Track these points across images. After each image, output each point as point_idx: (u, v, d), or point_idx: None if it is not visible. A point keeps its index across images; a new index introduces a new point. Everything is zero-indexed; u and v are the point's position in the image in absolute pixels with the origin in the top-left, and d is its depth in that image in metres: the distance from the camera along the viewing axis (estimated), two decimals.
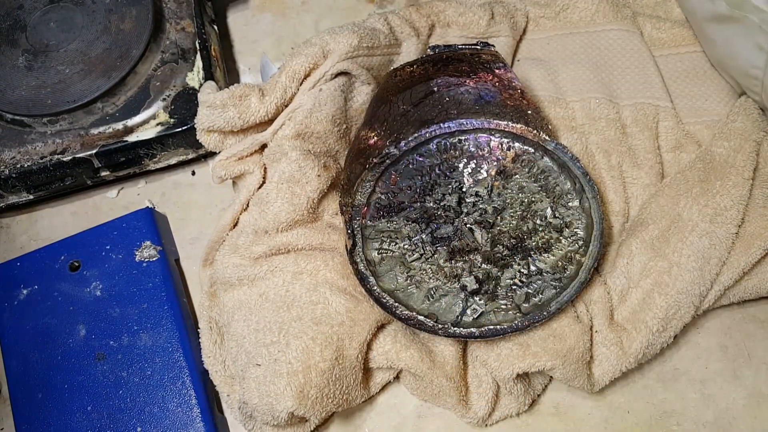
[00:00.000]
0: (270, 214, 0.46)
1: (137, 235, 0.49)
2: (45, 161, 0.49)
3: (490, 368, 0.43)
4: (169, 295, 0.47)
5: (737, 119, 0.49)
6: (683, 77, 0.54)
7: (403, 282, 0.44)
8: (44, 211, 0.55)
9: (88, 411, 0.44)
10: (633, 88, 0.53)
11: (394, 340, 0.43)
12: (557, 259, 0.44)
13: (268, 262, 0.45)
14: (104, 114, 0.51)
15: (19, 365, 0.46)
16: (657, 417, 0.44)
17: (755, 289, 0.45)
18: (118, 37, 0.52)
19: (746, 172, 0.46)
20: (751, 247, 0.44)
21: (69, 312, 0.47)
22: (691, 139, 0.51)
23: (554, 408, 0.45)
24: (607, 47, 0.55)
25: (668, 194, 0.47)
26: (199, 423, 0.44)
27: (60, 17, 0.54)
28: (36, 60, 0.52)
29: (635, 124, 0.51)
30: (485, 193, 0.44)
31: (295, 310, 0.43)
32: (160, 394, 0.44)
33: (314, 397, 0.40)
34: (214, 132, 0.49)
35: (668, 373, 0.45)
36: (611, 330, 0.44)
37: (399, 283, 0.44)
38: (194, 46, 0.53)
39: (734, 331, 0.47)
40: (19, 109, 0.50)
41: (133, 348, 0.46)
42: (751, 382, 0.45)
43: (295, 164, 0.46)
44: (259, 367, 0.42)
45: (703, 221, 0.45)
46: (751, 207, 0.45)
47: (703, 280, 0.44)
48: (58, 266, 0.49)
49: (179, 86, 0.52)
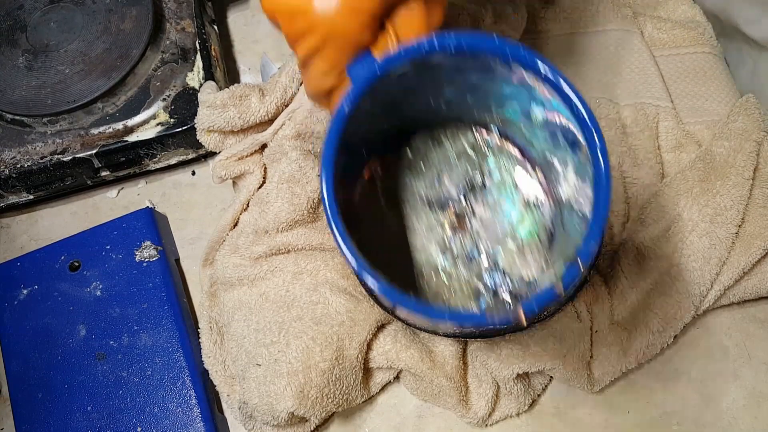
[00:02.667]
0: (270, 214, 0.46)
1: (137, 235, 0.49)
2: (45, 161, 0.49)
3: (490, 368, 0.43)
4: (169, 295, 0.47)
5: (737, 119, 0.49)
6: (683, 77, 0.54)
7: None
8: (44, 211, 0.55)
9: (88, 411, 0.44)
10: (633, 88, 0.53)
11: (395, 340, 0.43)
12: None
13: (268, 262, 0.45)
14: (104, 114, 0.51)
15: (19, 365, 0.46)
16: (657, 417, 0.44)
17: (755, 289, 0.45)
18: (118, 37, 0.52)
19: (746, 172, 0.46)
20: (751, 247, 0.44)
21: (69, 312, 0.47)
22: (692, 139, 0.51)
23: (554, 408, 0.45)
24: (608, 47, 0.55)
25: (668, 194, 0.47)
26: (199, 423, 0.44)
27: (60, 17, 0.54)
28: (36, 60, 0.52)
29: (635, 124, 0.51)
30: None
31: (295, 310, 0.43)
32: (160, 394, 0.44)
33: (314, 397, 0.41)
34: (215, 132, 0.49)
35: (668, 373, 0.45)
36: (611, 330, 0.44)
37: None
38: (194, 46, 0.53)
39: (734, 331, 0.46)
40: (19, 109, 0.50)
41: (133, 348, 0.46)
42: (751, 382, 0.45)
43: (296, 164, 0.46)
44: (259, 367, 0.42)
45: (703, 221, 0.45)
46: (751, 207, 0.45)
47: (703, 280, 0.44)
48: (58, 266, 0.49)
49: (179, 86, 0.52)
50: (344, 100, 0.31)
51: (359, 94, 0.31)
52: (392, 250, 0.37)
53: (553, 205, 0.36)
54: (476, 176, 0.38)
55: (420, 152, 0.38)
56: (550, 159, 0.35)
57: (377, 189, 0.38)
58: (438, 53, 0.31)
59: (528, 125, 0.35)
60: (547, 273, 0.35)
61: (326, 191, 0.30)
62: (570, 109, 0.31)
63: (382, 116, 0.35)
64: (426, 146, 0.38)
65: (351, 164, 0.33)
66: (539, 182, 0.37)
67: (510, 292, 0.35)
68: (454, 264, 0.36)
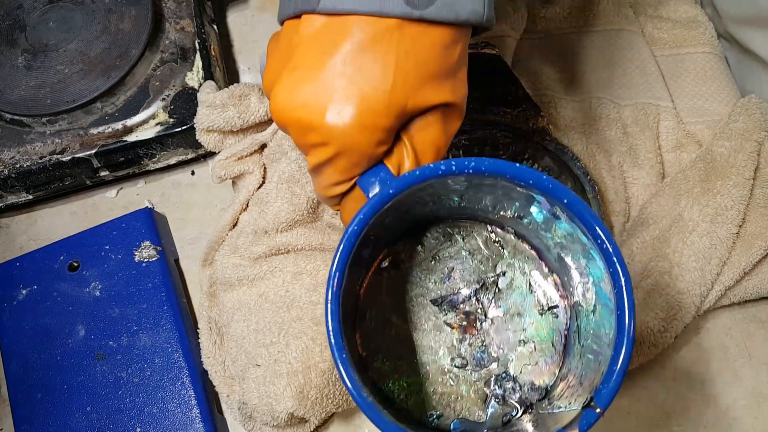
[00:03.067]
0: (270, 214, 0.45)
1: (136, 235, 0.49)
2: (44, 161, 0.49)
3: None
4: (168, 295, 0.47)
5: (738, 119, 0.48)
6: (684, 77, 0.54)
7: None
8: (43, 211, 0.55)
9: (87, 411, 0.44)
10: (634, 88, 0.53)
11: None
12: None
13: (267, 263, 0.45)
14: (103, 114, 0.51)
15: (19, 365, 0.46)
16: (658, 418, 0.44)
17: (756, 290, 0.45)
18: (117, 37, 0.52)
19: (747, 172, 0.46)
20: (752, 247, 0.44)
21: (68, 312, 0.47)
22: (692, 139, 0.51)
23: None
24: (608, 47, 0.55)
25: (669, 194, 0.47)
26: (198, 423, 0.44)
27: (59, 17, 0.54)
28: (35, 60, 0.52)
29: (636, 124, 0.51)
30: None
31: (295, 310, 0.43)
32: (159, 395, 0.44)
33: (314, 398, 0.40)
34: (214, 132, 0.49)
35: (669, 374, 0.45)
36: None
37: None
38: (194, 45, 0.53)
39: (735, 331, 0.46)
40: (19, 108, 0.50)
41: (133, 348, 0.46)
42: (751, 382, 0.45)
43: (295, 164, 0.46)
44: (258, 367, 0.42)
45: (704, 221, 0.45)
46: (751, 207, 0.45)
47: (704, 280, 0.44)
48: (58, 266, 0.49)
49: (179, 86, 0.52)
50: (355, 221, 0.29)
51: (371, 214, 0.29)
52: (397, 348, 0.35)
53: (568, 310, 0.35)
54: (489, 275, 0.36)
55: (431, 247, 0.37)
56: (568, 264, 0.33)
57: (383, 283, 0.36)
58: (455, 175, 0.29)
59: (547, 235, 0.34)
60: (559, 395, 0.33)
61: (331, 325, 0.28)
62: (593, 239, 0.29)
63: (393, 223, 0.33)
64: (438, 242, 0.36)
65: (358, 257, 0.32)
66: (555, 285, 0.36)
67: (520, 397, 0.34)
68: (463, 368, 0.35)
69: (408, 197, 0.31)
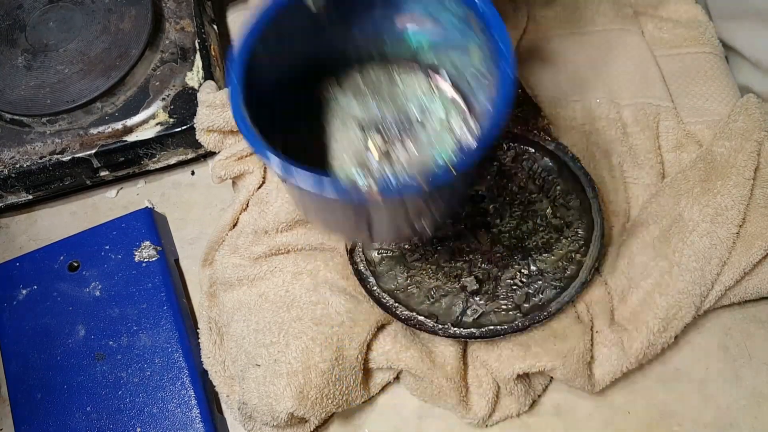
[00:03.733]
0: (270, 214, 0.45)
1: (136, 235, 0.49)
2: (44, 161, 0.49)
3: (490, 368, 0.43)
4: (168, 295, 0.47)
5: (738, 119, 0.48)
6: (684, 77, 0.54)
7: (403, 282, 0.44)
8: (43, 211, 0.55)
9: (87, 411, 0.44)
10: (634, 88, 0.53)
11: (394, 340, 0.43)
12: (557, 259, 0.44)
13: (267, 263, 0.45)
14: (103, 114, 0.51)
15: (19, 365, 0.46)
16: (658, 417, 0.44)
17: (756, 290, 0.45)
18: (117, 37, 0.52)
19: (747, 172, 0.46)
20: (752, 247, 0.44)
21: (68, 312, 0.47)
22: (692, 139, 0.51)
23: (555, 408, 0.45)
24: (608, 47, 0.55)
25: (669, 194, 0.47)
26: (198, 423, 0.44)
27: (59, 17, 0.54)
28: (35, 60, 0.52)
29: (636, 124, 0.51)
30: (485, 192, 0.44)
31: (295, 310, 0.43)
32: (159, 395, 0.44)
33: (314, 398, 0.40)
34: (214, 132, 0.49)
35: (669, 374, 0.45)
36: (612, 330, 0.43)
37: (399, 282, 0.44)
38: (194, 45, 0.53)
39: (735, 331, 0.46)
40: (19, 108, 0.50)
41: (133, 348, 0.46)
42: (751, 382, 0.45)
43: None
44: (258, 367, 0.42)
45: (704, 221, 0.45)
46: (752, 207, 0.45)
47: (704, 280, 0.44)
48: (58, 266, 0.49)
49: (179, 86, 0.52)
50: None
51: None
52: (311, 154, 0.38)
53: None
54: (415, 113, 0.39)
55: (370, 81, 0.40)
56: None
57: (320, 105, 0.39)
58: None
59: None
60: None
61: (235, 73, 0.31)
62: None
63: (317, 33, 0.36)
64: (378, 77, 0.39)
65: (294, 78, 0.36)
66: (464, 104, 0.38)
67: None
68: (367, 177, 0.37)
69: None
